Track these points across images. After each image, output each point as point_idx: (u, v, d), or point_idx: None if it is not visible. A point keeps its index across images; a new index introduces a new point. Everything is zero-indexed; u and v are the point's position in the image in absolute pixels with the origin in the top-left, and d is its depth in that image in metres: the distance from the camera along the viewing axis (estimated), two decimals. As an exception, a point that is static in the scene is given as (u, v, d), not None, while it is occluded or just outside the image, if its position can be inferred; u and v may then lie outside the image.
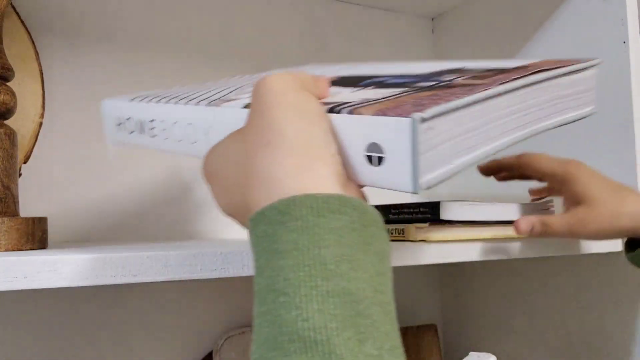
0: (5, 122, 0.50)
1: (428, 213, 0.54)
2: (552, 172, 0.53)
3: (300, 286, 0.22)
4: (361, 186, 0.29)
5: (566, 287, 0.71)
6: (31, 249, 0.47)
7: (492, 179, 0.59)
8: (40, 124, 0.63)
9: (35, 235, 0.47)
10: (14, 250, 0.45)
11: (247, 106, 0.32)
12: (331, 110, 0.28)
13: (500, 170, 0.58)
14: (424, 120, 0.26)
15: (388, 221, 0.58)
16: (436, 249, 0.52)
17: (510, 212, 0.56)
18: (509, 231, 0.55)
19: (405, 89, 0.32)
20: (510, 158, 0.56)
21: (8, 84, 0.50)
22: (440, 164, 0.27)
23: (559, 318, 0.72)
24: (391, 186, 0.27)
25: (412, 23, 0.93)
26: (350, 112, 0.27)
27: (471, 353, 0.60)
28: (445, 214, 0.53)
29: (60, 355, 0.66)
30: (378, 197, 0.43)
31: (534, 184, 0.58)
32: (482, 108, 0.29)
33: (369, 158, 0.27)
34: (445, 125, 0.27)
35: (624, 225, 0.49)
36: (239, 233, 0.76)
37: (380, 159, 0.26)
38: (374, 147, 0.27)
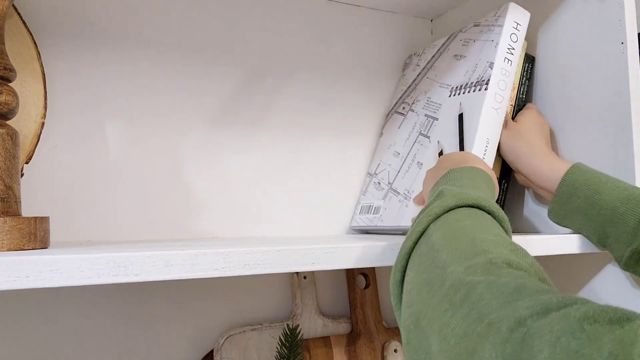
0: (8, 122, 0.50)
1: None
2: None
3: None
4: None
5: (566, 286, 0.71)
6: (33, 249, 0.47)
7: None
8: (42, 124, 0.63)
9: (37, 235, 0.48)
10: (16, 250, 0.45)
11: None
12: None
13: None
14: None
15: None
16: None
17: None
18: None
19: None
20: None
21: (10, 84, 0.50)
22: None
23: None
24: None
25: (411, 23, 0.93)
26: None
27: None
28: None
29: (60, 355, 0.66)
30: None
31: None
32: None
33: None
34: None
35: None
36: (239, 232, 0.77)
37: None
38: None
